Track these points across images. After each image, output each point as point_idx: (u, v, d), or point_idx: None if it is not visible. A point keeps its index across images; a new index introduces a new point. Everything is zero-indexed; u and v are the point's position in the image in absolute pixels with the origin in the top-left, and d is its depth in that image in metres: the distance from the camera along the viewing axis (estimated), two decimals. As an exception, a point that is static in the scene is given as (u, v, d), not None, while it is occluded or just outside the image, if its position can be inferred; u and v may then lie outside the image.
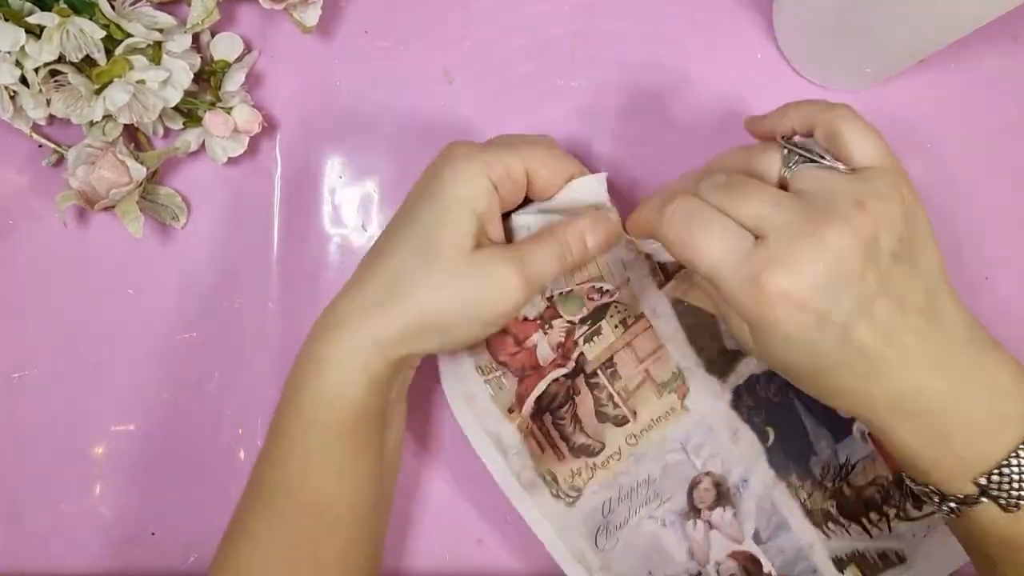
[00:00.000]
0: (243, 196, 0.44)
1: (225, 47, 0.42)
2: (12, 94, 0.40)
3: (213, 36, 0.42)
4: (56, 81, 0.39)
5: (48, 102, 0.40)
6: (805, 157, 0.31)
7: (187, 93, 0.41)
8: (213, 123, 0.41)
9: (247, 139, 0.43)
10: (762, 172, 0.32)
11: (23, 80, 0.39)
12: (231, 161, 0.43)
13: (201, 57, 0.42)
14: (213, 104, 0.42)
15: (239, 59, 0.43)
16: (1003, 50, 0.45)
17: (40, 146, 0.44)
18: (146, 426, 0.44)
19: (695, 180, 0.33)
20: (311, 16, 0.42)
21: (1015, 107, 0.45)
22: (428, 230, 0.33)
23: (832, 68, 0.43)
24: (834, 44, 0.41)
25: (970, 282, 0.44)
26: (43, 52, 0.37)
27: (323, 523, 0.34)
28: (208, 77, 0.43)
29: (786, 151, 0.32)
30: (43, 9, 0.38)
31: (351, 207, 0.45)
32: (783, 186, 0.32)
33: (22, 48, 0.37)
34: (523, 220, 0.37)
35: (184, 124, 0.43)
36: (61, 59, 0.38)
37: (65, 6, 0.38)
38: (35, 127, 0.43)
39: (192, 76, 0.41)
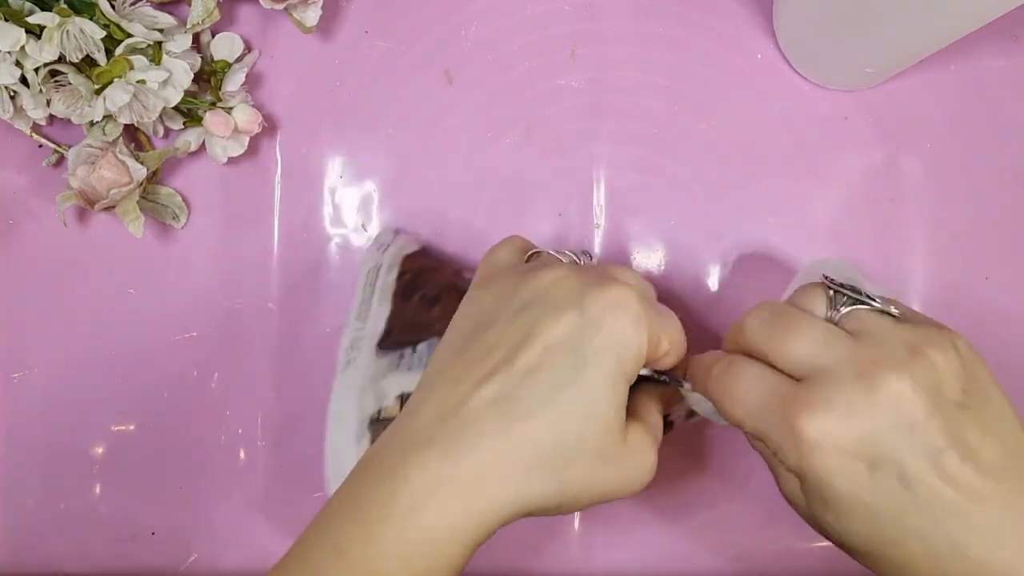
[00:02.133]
0: (243, 196, 0.44)
1: (225, 47, 0.42)
2: (12, 94, 0.40)
3: (213, 36, 0.42)
4: (56, 81, 0.39)
5: (48, 102, 0.40)
6: (853, 298, 0.29)
7: (187, 93, 0.41)
8: (213, 123, 0.41)
9: (247, 139, 0.43)
10: (807, 309, 0.30)
11: (23, 80, 0.39)
12: (231, 161, 0.43)
13: (201, 57, 0.42)
14: (213, 104, 0.42)
15: (239, 59, 0.43)
16: (1003, 50, 0.45)
17: (40, 146, 0.44)
18: (146, 426, 0.44)
19: (745, 314, 0.31)
20: (311, 16, 0.42)
21: (1015, 107, 0.45)
22: (592, 399, 0.28)
23: (832, 68, 0.43)
24: (834, 44, 0.41)
25: (970, 282, 0.44)
26: (43, 52, 0.37)
27: None
28: (208, 77, 0.43)
29: (832, 292, 0.30)
30: (43, 9, 0.38)
31: (351, 207, 0.45)
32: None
33: (22, 48, 0.37)
34: None
35: (184, 124, 0.43)
36: (61, 59, 0.38)
37: (65, 6, 0.38)
38: (35, 127, 0.43)
39: (192, 76, 0.41)
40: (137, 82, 0.39)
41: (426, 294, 0.38)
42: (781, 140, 0.44)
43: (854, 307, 0.29)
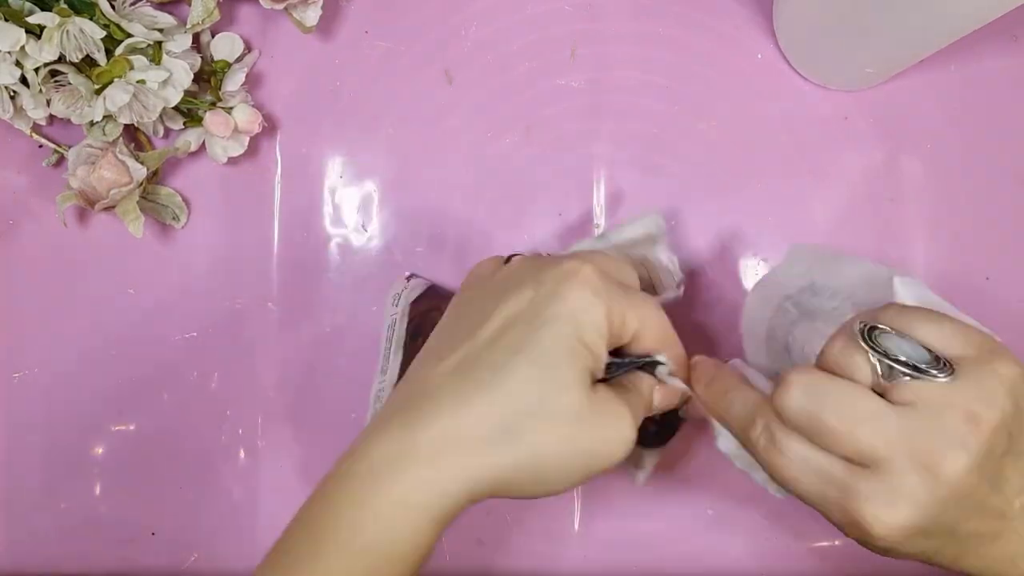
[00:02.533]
0: (243, 196, 0.44)
1: (225, 47, 0.42)
2: (12, 94, 0.40)
3: (213, 36, 0.42)
4: (56, 81, 0.39)
5: (48, 102, 0.40)
6: (903, 371, 0.27)
7: (187, 93, 0.41)
8: (213, 123, 0.41)
9: (247, 139, 0.43)
10: (849, 378, 0.28)
11: (23, 80, 0.39)
12: (231, 161, 0.43)
13: (201, 57, 0.42)
14: (213, 104, 0.42)
15: (239, 59, 0.43)
16: (1003, 50, 0.45)
17: (40, 146, 0.44)
18: (146, 426, 0.44)
19: (780, 387, 0.29)
20: (311, 16, 0.42)
21: (1015, 107, 0.45)
22: (550, 361, 0.28)
23: (832, 68, 0.43)
24: (834, 44, 0.41)
25: (970, 282, 0.44)
26: (43, 52, 0.37)
27: None
28: (208, 77, 0.43)
29: (876, 360, 0.28)
30: (43, 9, 0.38)
31: (351, 207, 0.45)
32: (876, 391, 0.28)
33: (22, 48, 0.37)
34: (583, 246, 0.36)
35: (184, 124, 0.43)
36: (61, 59, 0.38)
37: (65, 6, 0.38)
38: (35, 127, 0.43)
39: (192, 76, 0.41)
40: (137, 82, 0.39)
41: (428, 334, 0.38)
42: (781, 140, 0.44)
43: (901, 379, 0.27)
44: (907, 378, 0.27)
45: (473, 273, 0.35)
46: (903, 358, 0.27)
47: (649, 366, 0.32)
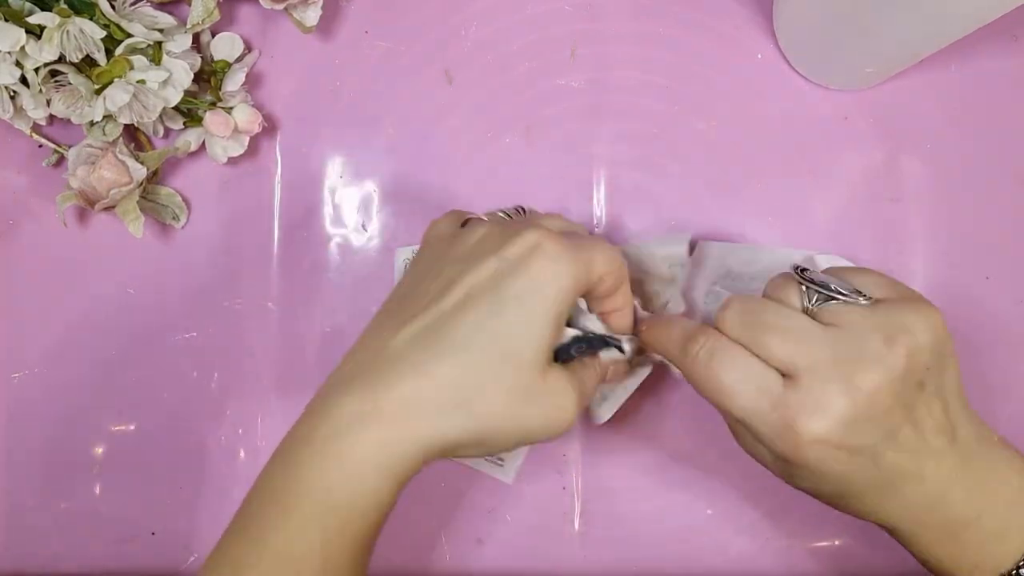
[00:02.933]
0: (243, 196, 0.44)
1: (225, 47, 0.42)
2: (12, 94, 0.40)
3: (213, 36, 0.42)
4: (56, 81, 0.39)
5: (48, 102, 0.40)
6: (825, 295, 0.30)
7: (187, 93, 0.41)
8: (213, 123, 0.41)
9: (247, 139, 0.43)
10: (783, 303, 0.31)
11: (23, 80, 0.39)
12: (231, 161, 0.43)
13: (201, 57, 0.42)
14: (213, 104, 0.42)
15: (239, 59, 0.43)
16: (1003, 50, 0.45)
17: (40, 146, 0.44)
18: (146, 426, 0.44)
19: (720, 309, 0.32)
20: (311, 16, 0.42)
21: (1015, 107, 0.45)
22: (511, 338, 0.29)
23: (832, 68, 0.43)
24: (834, 44, 0.41)
25: (970, 282, 0.44)
26: (43, 52, 0.37)
27: None
28: (208, 77, 0.43)
29: (805, 288, 0.31)
30: (43, 9, 0.38)
31: (351, 207, 0.45)
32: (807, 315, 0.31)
33: (22, 48, 0.37)
34: None
35: (184, 124, 0.43)
36: (61, 59, 0.38)
37: (65, 6, 0.38)
38: (35, 127, 0.43)
39: (192, 76, 0.41)
40: (137, 82, 0.39)
41: None
42: (781, 140, 0.44)
43: (827, 303, 0.30)
44: (833, 302, 0.30)
45: (431, 232, 0.36)
46: (832, 286, 0.30)
47: (610, 344, 0.34)
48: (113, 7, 0.39)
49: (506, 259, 0.30)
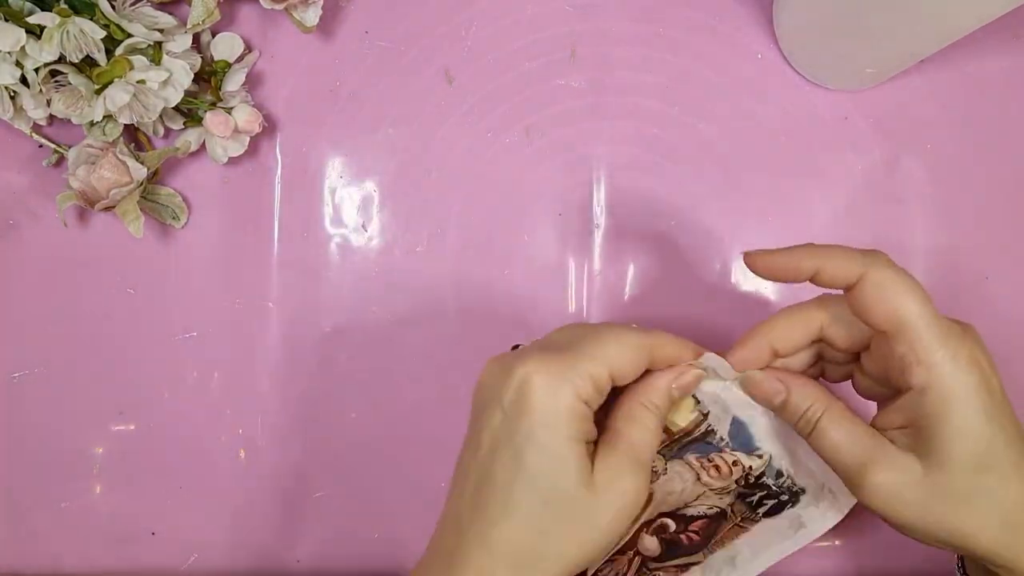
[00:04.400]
0: (243, 196, 0.44)
1: (225, 47, 0.42)
2: (12, 94, 0.40)
3: (213, 36, 0.42)
4: (56, 81, 0.39)
5: (48, 102, 0.40)
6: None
7: (187, 93, 0.41)
8: (213, 123, 0.41)
9: (247, 139, 0.43)
10: None
11: (23, 80, 0.39)
12: (231, 161, 0.43)
13: (201, 57, 0.42)
14: (213, 104, 0.42)
15: (239, 59, 0.43)
16: (1003, 50, 0.45)
17: (40, 146, 0.44)
18: (146, 426, 0.44)
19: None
20: (311, 16, 0.42)
21: (1015, 107, 0.45)
22: (545, 481, 0.29)
23: (832, 68, 0.43)
24: (834, 44, 0.41)
25: (970, 282, 0.44)
26: (43, 52, 0.37)
27: None
28: (208, 77, 0.43)
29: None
30: (43, 9, 0.38)
31: (351, 207, 0.45)
32: None
33: (22, 48, 0.37)
34: None
35: (184, 124, 0.43)
36: (61, 59, 0.38)
37: (65, 6, 0.38)
38: (35, 127, 0.43)
39: (192, 76, 0.41)
40: (137, 82, 0.39)
41: None
42: (781, 140, 0.44)
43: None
44: None
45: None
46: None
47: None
48: (113, 7, 0.39)
49: (502, 403, 0.30)
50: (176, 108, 0.42)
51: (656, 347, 0.32)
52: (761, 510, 0.35)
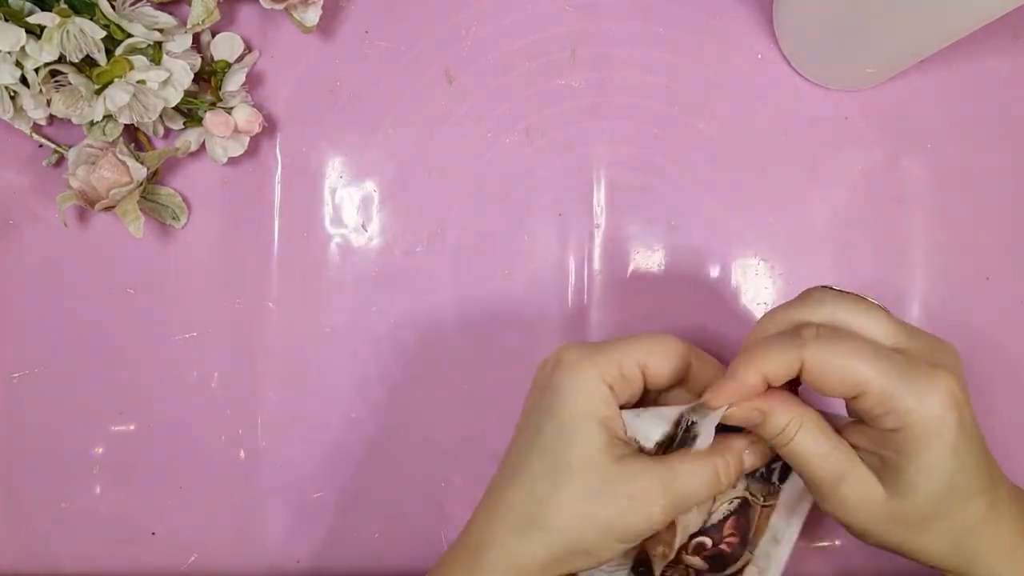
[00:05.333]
0: (243, 196, 0.44)
1: (225, 47, 0.42)
2: (12, 94, 0.40)
3: (213, 36, 0.42)
4: (56, 81, 0.39)
5: (48, 102, 0.40)
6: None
7: (187, 93, 0.41)
8: (213, 123, 0.41)
9: (247, 139, 0.43)
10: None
11: (23, 80, 0.39)
12: (231, 161, 0.43)
13: (201, 57, 0.42)
14: (213, 104, 0.42)
15: (239, 59, 0.43)
16: (1003, 50, 0.45)
17: (40, 146, 0.44)
18: (146, 426, 0.44)
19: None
20: (311, 16, 0.42)
21: (1015, 107, 0.45)
22: (554, 450, 0.31)
23: (833, 67, 0.43)
24: (835, 44, 0.41)
25: (970, 282, 0.44)
26: (43, 52, 0.37)
27: None
28: (208, 77, 0.43)
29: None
30: (43, 9, 0.38)
31: (351, 207, 0.45)
32: None
33: (22, 48, 0.37)
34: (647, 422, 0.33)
35: (184, 124, 0.43)
36: (61, 59, 0.38)
37: (65, 6, 0.38)
38: (35, 127, 0.43)
39: (192, 76, 0.41)
40: (137, 82, 0.39)
41: None
42: (781, 140, 0.44)
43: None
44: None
45: None
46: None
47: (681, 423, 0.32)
48: (113, 7, 0.39)
49: (539, 382, 0.33)
50: (176, 108, 0.42)
51: (696, 359, 0.33)
52: (775, 476, 0.35)
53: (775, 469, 0.35)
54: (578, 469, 0.31)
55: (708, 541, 0.35)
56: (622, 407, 0.33)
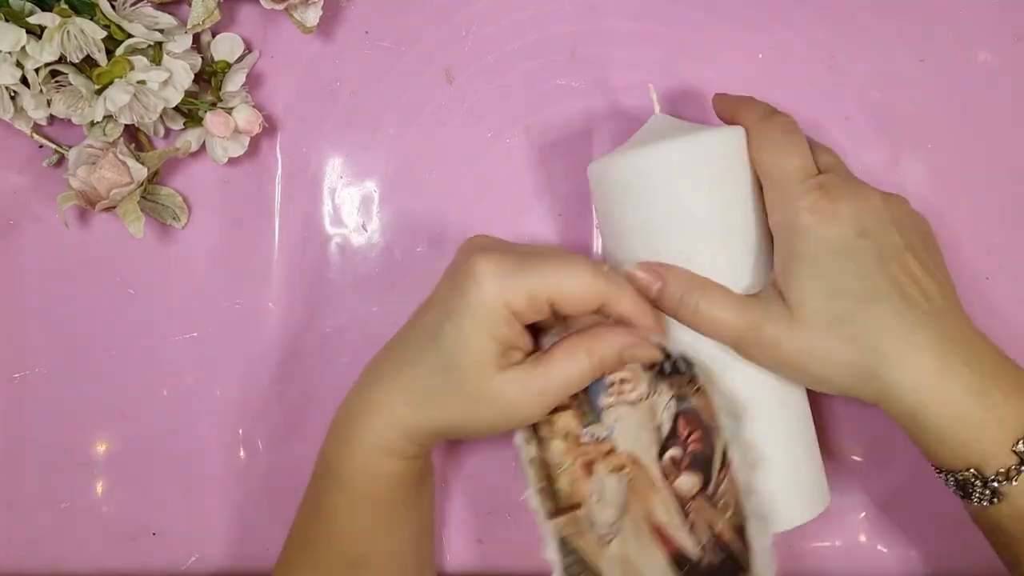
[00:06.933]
0: (243, 196, 0.45)
1: (226, 47, 0.43)
2: (13, 94, 0.40)
3: (214, 36, 0.42)
4: (57, 81, 0.39)
5: (49, 102, 0.40)
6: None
7: (188, 93, 0.41)
8: (214, 123, 0.41)
9: (247, 139, 0.43)
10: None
11: (24, 80, 0.39)
12: (231, 161, 0.43)
13: (202, 57, 0.42)
14: (214, 104, 0.42)
15: (240, 59, 0.43)
16: (1004, 51, 0.45)
17: (41, 146, 0.44)
18: (146, 426, 0.44)
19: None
20: (312, 16, 0.42)
21: (1015, 107, 0.45)
22: (450, 353, 0.34)
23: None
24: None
25: (970, 282, 0.44)
26: (44, 52, 0.37)
27: (366, 573, 0.37)
28: (209, 77, 0.43)
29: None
30: (44, 9, 0.38)
31: (351, 207, 0.45)
32: None
33: (23, 48, 0.37)
34: None
35: (185, 124, 0.43)
36: (62, 59, 0.38)
37: (66, 6, 0.38)
38: (36, 127, 0.43)
39: (193, 76, 0.41)
40: (138, 82, 0.39)
41: None
42: (781, 140, 0.44)
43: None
44: None
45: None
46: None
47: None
48: (113, 7, 0.39)
49: (452, 280, 0.35)
50: (176, 108, 0.42)
51: (611, 296, 0.34)
52: (680, 365, 0.35)
53: (675, 360, 0.35)
54: (467, 375, 0.34)
55: (678, 452, 0.35)
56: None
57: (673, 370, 0.35)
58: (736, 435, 0.35)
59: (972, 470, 0.33)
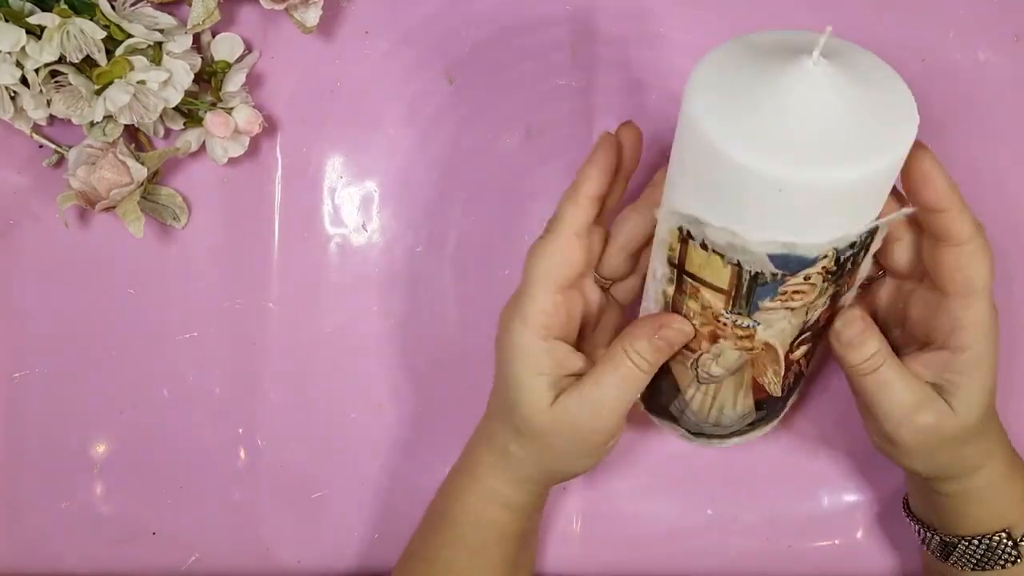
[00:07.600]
0: (243, 196, 0.45)
1: (226, 48, 0.42)
2: (12, 94, 0.40)
3: (214, 36, 0.42)
4: (57, 82, 0.39)
5: (49, 102, 0.40)
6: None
7: (188, 93, 0.41)
8: (214, 124, 0.41)
9: (247, 139, 0.43)
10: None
11: (23, 80, 0.39)
12: (232, 161, 0.43)
13: (202, 57, 0.42)
14: (214, 105, 0.42)
15: (240, 60, 0.43)
16: (1004, 52, 0.45)
17: (40, 146, 0.44)
18: (146, 426, 0.44)
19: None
20: (312, 16, 0.42)
21: (1015, 107, 0.45)
22: (508, 408, 0.35)
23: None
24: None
25: (970, 282, 0.44)
26: (43, 52, 0.37)
27: None
28: (209, 78, 0.43)
29: None
30: (43, 9, 0.38)
31: (351, 207, 0.45)
32: None
33: (22, 48, 0.37)
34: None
35: (185, 124, 0.43)
36: (62, 60, 0.38)
37: (65, 7, 0.38)
38: (35, 127, 0.43)
39: (193, 77, 0.41)
40: (137, 82, 0.39)
41: None
42: (781, 140, 0.44)
43: None
44: None
45: None
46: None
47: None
48: (113, 7, 0.39)
49: (496, 341, 0.36)
50: (176, 108, 0.42)
51: (596, 241, 0.37)
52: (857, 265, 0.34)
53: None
54: (528, 420, 0.35)
55: (809, 335, 0.35)
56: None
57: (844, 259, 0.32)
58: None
59: (1004, 531, 0.35)
